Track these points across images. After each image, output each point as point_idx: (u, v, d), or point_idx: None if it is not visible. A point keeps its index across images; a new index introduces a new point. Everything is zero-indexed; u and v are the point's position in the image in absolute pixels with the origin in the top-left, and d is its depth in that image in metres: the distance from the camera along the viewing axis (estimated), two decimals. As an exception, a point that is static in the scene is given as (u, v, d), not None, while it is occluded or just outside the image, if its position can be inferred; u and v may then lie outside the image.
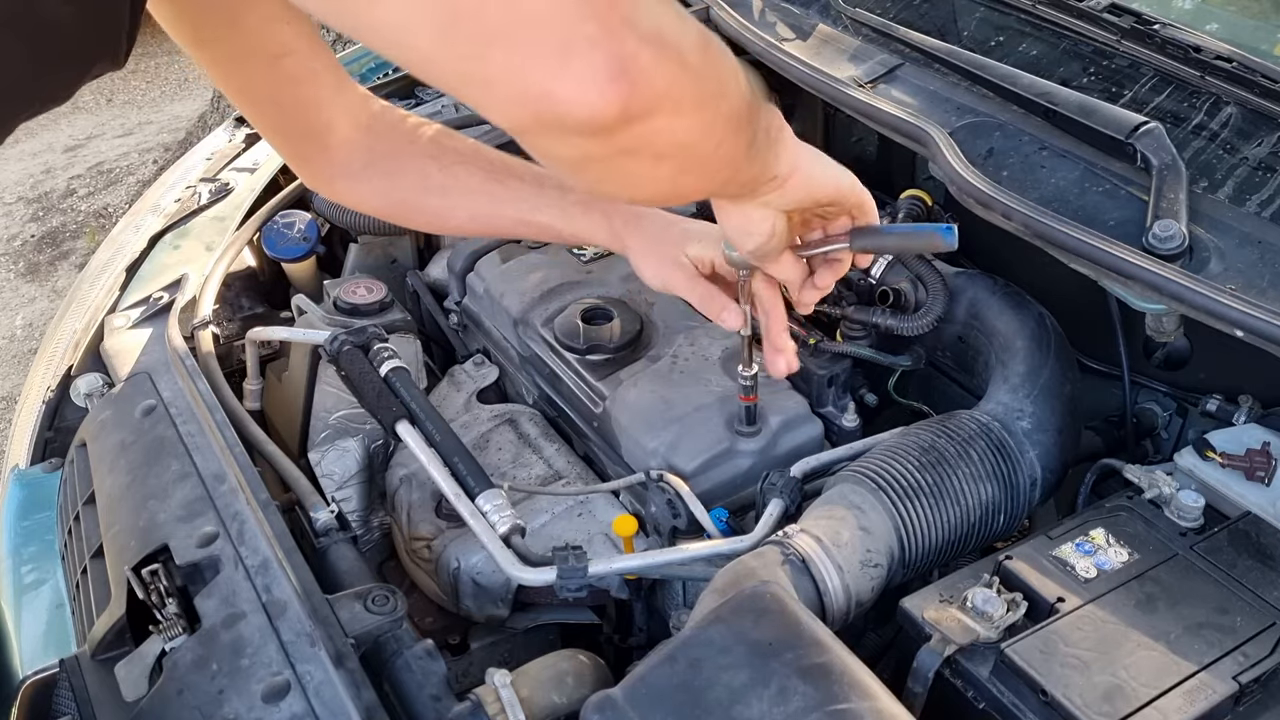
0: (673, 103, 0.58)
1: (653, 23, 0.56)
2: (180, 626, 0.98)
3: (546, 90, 0.53)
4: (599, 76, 0.54)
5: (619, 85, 0.54)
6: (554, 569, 1.07)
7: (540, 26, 0.52)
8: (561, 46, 0.53)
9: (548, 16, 0.52)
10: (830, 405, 1.31)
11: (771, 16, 1.64)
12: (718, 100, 0.64)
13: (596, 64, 0.53)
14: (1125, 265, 1.09)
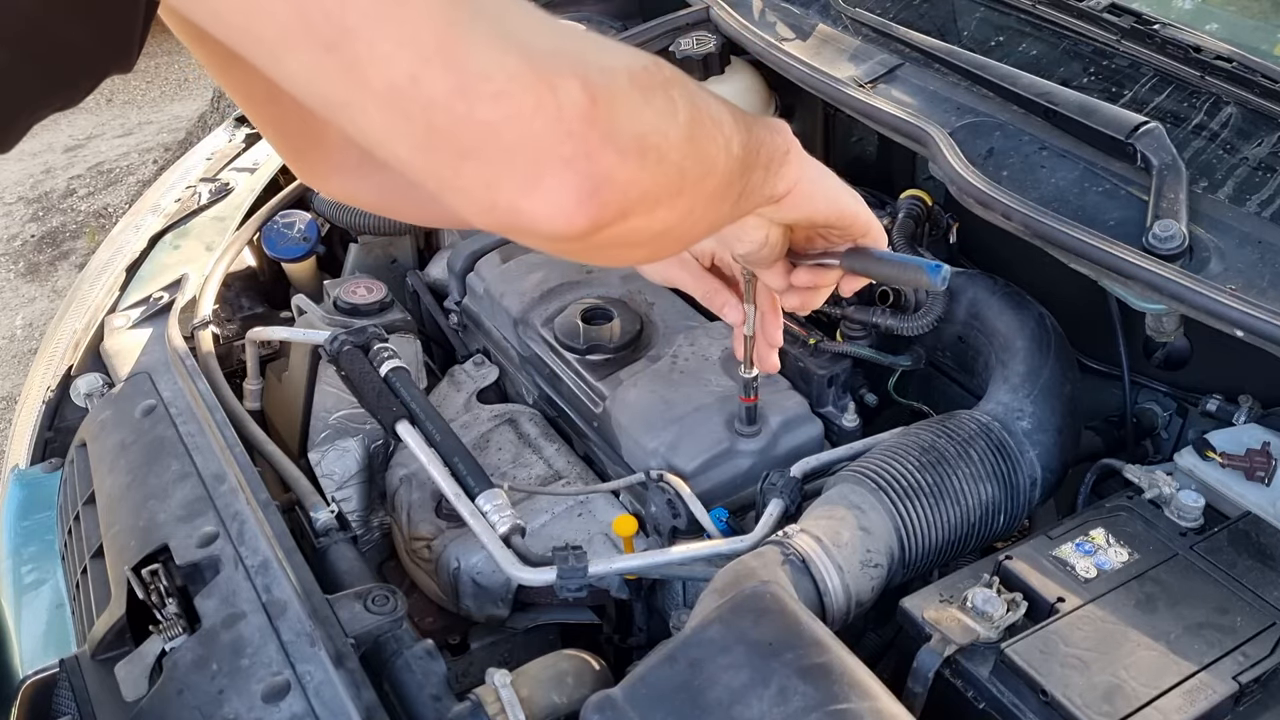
0: (648, 204, 0.58)
1: (635, 129, 0.56)
2: (180, 626, 0.98)
3: (516, 207, 0.53)
4: (570, 198, 0.53)
5: (590, 204, 0.54)
6: (554, 569, 1.06)
7: (514, 147, 0.52)
8: (534, 167, 0.52)
9: (522, 138, 0.51)
10: (830, 405, 1.31)
11: (771, 16, 1.64)
12: (701, 182, 0.64)
13: (569, 185, 0.53)
14: (1125, 265, 1.09)
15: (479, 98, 0.50)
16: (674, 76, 0.61)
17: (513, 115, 0.51)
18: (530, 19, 0.53)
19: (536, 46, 0.52)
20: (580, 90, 0.52)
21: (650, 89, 0.58)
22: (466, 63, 0.50)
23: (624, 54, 0.58)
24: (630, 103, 0.55)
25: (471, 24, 0.50)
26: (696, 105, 0.62)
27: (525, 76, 0.51)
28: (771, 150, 0.76)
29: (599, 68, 0.54)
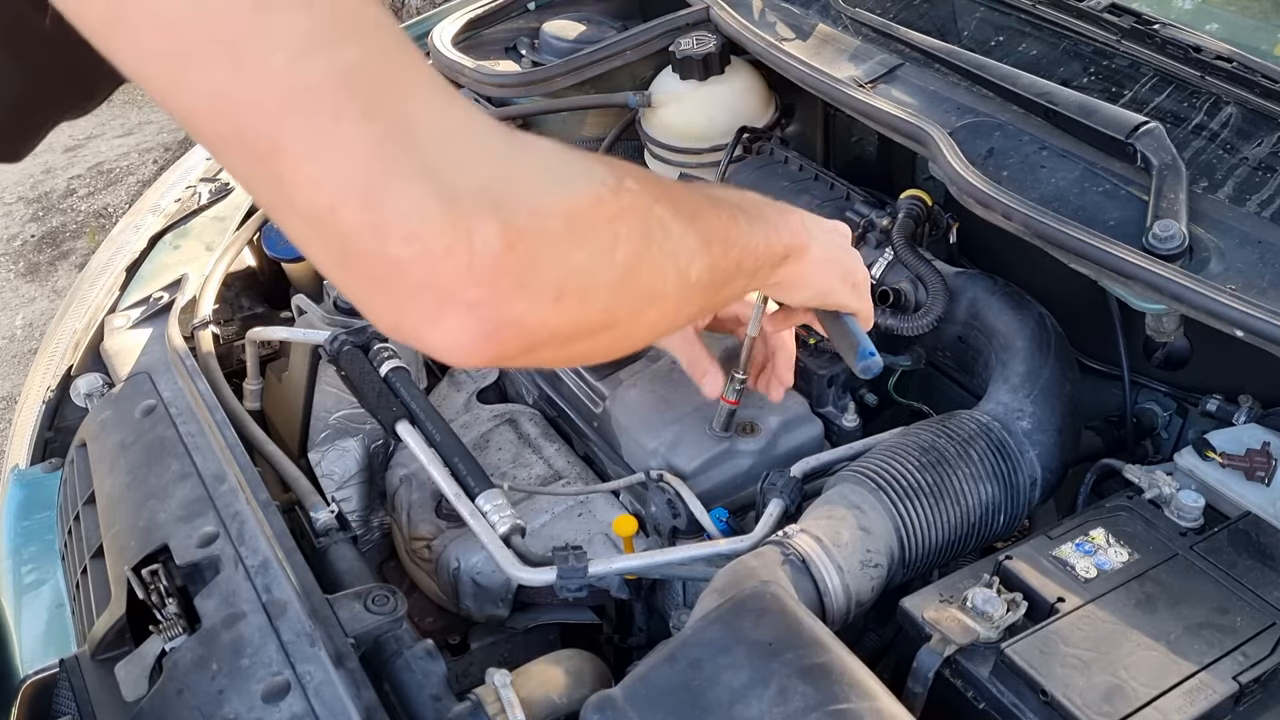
0: (561, 341, 0.58)
1: (555, 274, 0.55)
2: (180, 626, 0.98)
3: (419, 335, 0.54)
4: (469, 337, 0.53)
5: (490, 344, 0.54)
6: (554, 569, 1.06)
7: (420, 286, 0.52)
8: (437, 306, 0.52)
9: (429, 279, 0.52)
10: (830, 405, 1.30)
11: (771, 16, 1.64)
12: (638, 314, 0.63)
13: (469, 326, 0.53)
14: (1125, 265, 1.09)
15: (391, 237, 0.50)
16: (631, 206, 0.60)
17: (421, 257, 0.51)
18: (474, 148, 0.53)
19: (465, 185, 0.51)
20: (498, 236, 0.51)
21: (590, 228, 0.57)
22: (385, 202, 0.50)
23: (573, 186, 0.57)
24: (556, 247, 0.55)
25: (400, 161, 0.50)
26: (648, 238, 0.61)
27: (441, 220, 0.50)
28: (762, 257, 0.76)
29: (532, 209, 0.53)
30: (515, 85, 1.72)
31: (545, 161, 0.57)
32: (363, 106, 0.49)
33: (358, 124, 0.49)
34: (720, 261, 0.70)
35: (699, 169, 1.62)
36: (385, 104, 0.50)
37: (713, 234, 0.69)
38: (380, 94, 0.50)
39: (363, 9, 0.51)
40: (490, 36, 1.89)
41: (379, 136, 0.49)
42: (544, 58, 1.78)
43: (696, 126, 1.64)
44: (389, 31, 0.52)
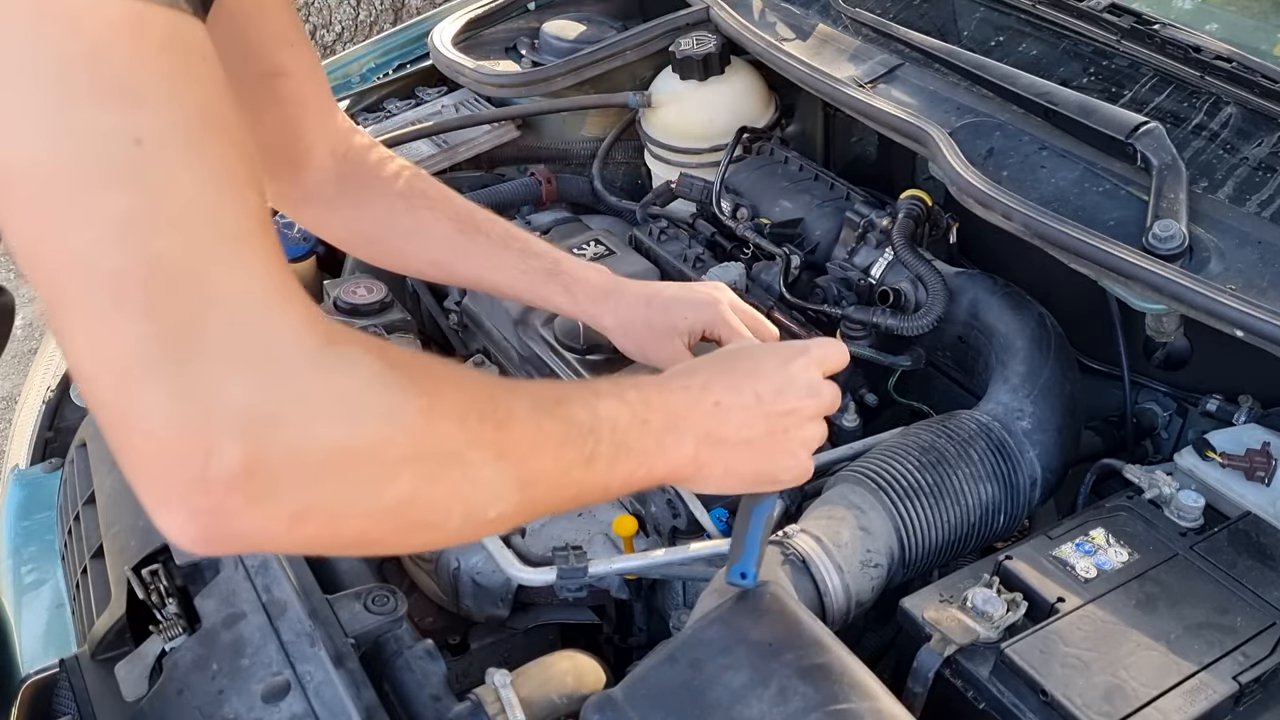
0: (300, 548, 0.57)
1: (299, 500, 0.53)
2: (180, 626, 0.98)
3: (148, 511, 0.53)
4: (187, 538, 0.53)
5: (209, 547, 0.54)
6: (554, 569, 1.06)
7: (151, 478, 0.52)
8: (163, 501, 0.52)
9: (160, 475, 0.51)
10: (830, 405, 1.30)
11: (771, 16, 1.64)
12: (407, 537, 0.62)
13: (188, 529, 0.52)
14: (1125, 265, 1.09)
15: (133, 429, 0.50)
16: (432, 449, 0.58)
17: (156, 456, 0.50)
18: (258, 366, 0.51)
19: (224, 403, 0.50)
20: (238, 460, 0.50)
21: (360, 466, 0.55)
22: (135, 396, 0.50)
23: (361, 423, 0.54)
24: (307, 479, 0.53)
25: (163, 364, 0.49)
26: (438, 479, 0.59)
27: (184, 431, 0.50)
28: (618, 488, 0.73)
29: (290, 440, 0.52)
30: (515, 85, 1.72)
31: (344, 390, 0.54)
32: (147, 303, 0.49)
33: (134, 318, 0.49)
34: (541, 501, 0.68)
35: (699, 169, 1.62)
36: (174, 305, 0.50)
37: (541, 479, 0.66)
38: (175, 294, 0.50)
39: (202, 196, 0.51)
40: (490, 36, 1.89)
41: (150, 336, 0.49)
42: (544, 58, 1.78)
43: (696, 126, 1.64)
44: (227, 224, 0.52)
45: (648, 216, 1.60)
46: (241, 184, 0.53)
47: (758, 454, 0.84)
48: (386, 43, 2.01)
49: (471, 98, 1.80)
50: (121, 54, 0.50)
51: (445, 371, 0.63)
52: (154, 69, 0.51)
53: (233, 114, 0.55)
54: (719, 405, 0.81)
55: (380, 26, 3.82)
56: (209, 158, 0.52)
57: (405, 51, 1.98)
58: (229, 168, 0.53)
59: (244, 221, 0.53)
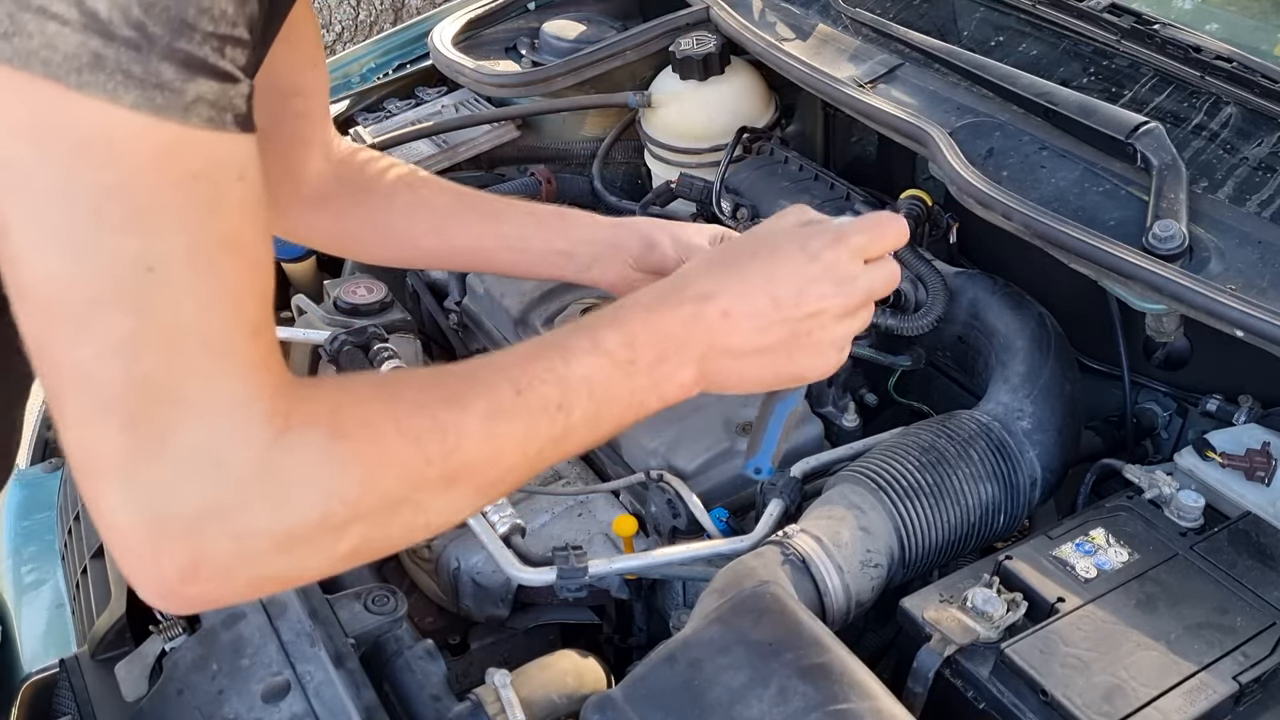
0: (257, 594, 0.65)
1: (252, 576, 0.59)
2: (180, 626, 0.98)
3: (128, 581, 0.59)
4: (155, 602, 0.59)
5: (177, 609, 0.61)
6: (554, 569, 1.07)
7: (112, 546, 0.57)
8: (132, 577, 0.58)
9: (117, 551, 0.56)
10: (830, 405, 1.30)
11: (771, 16, 1.64)
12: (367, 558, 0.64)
13: (152, 598, 0.59)
14: (1125, 265, 1.09)
15: (102, 520, 0.56)
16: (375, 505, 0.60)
17: (120, 547, 0.56)
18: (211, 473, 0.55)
19: (178, 510, 0.55)
20: (186, 558, 0.56)
21: (306, 541, 0.59)
22: (103, 496, 0.55)
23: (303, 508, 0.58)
24: (257, 561, 0.58)
25: (129, 472, 0.54)
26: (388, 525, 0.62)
27: (141, 535, 0.55)
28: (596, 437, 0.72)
29: (238, 533, 0.56)
30: (515, 85, 1.72)
31: (285, 481, 0.58)
32: (128, 417, 0.53)
33: (115, 428, 0.53)
34: (514, 485, 0.70)
35: (699, 169, 1.62)
36: (149, 420, 0.54)
37: (506, 476, 0.68)
38: (151, 410, 0.54)
39: (199, 318, 0.55)
40: (490, 36, 1.89)
41: (123, 445, 0.54)
42: (544, 58, 1.78)
43: (696, 126, 1.64)
44: (215, 342, 0.56)
45: (648, 216, 1.60)
46: (241, 299, 0.57)
47: (776, 359, 0.77)
48: (386, 43, 2.01)
49: (471, 98, 1.80)
50: (152, 183, 0.53)
51: (390, 420, 0.62)
52: (181, 197, 0.54)
53: (256, 226, 0.58)
54: (727, 315, 0.75)
55: (380, 26, 3.83)
56: (215, 281, 0.56)
57: (405, 51, 1.97)
58: (233, 287, 0.56)
59: (233, 336, 0.57)
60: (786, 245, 0.78)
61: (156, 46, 0.51)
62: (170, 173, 0.53)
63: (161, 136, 0.52)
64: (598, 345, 0.70)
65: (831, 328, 0.78)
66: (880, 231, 0.80)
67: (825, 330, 0.78)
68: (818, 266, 0.77)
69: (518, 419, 0.66)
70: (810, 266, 0.77)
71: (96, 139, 0.51)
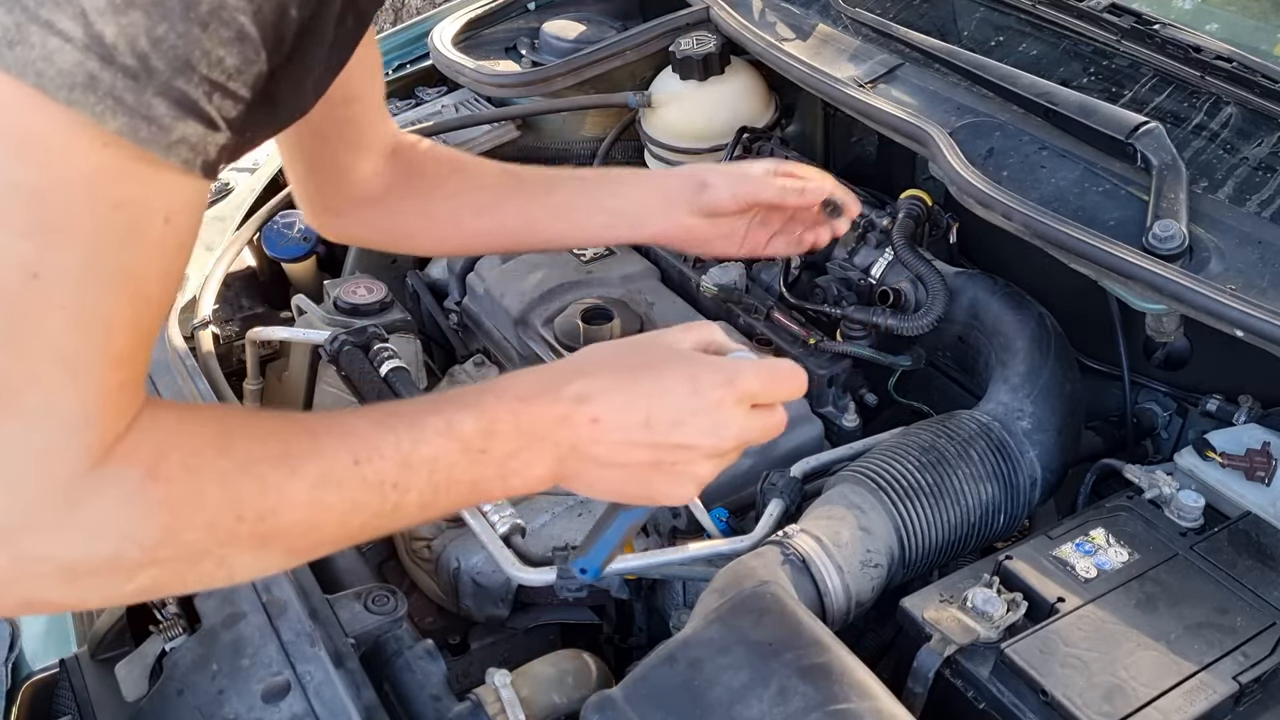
0: None
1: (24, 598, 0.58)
2: (180, 626, 0.98)
3: None
4: None
5: None
6: (554, 569, 1.06)
7: None
8: None
9: None
10: (830, 405, 1.31)
11: (771, 16, 1.64)
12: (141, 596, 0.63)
13: None
14: (1125, 265, 1.09)
15: None
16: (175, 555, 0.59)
17: None
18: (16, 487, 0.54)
19: None
20: None
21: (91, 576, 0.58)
22: None
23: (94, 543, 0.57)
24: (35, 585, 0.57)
25: None
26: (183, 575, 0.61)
27: None
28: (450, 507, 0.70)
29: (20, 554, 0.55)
30: (515, 85, 1.72)
31: (86, 516, 0.56)
32: None
33: None
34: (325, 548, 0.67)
35: (699, 169, 1.62)
36: None
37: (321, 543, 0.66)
38: None
39: (62, 334, 0.54)
40: (490, 36, 1.89)
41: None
42: (544, 58, 1.78)
43: (696, 126, 1.64)
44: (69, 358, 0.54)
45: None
46: (119, 330, 0.56)
47: (633, 478, 0.75)
48: (386, 43, 2.01)
49: (471, 98, 1.80)
50: (71, 200, 0.52)
51: (219, 471, 0.61)
52: (94, 220, 0.53)
53: (166, 267, 0.58)
54: (597, 422, 0.72)
55: (380, 26, 3.82)
56: (95, 304, 0.55)
57: (405, 51, 1.97)
58: (111, 316, 0.55)
59: (92, 360, 0.55)
60: (677, 371, 0.75)
61: (155, 81, 0.52)
62: (96, 195, 0.53)
63: (99, 159, 0.52)
64: (451, 429, 0.68)
65: (697, 464, 0.75)
66: (776, 384, 0.76)
67: (690, 465, 0.75)
68: (701, 403, 0.73)
69: (346, 490, 0.64)
70: (694, 400, 0.73)
71: (39, 143, 0.51)
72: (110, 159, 0.52)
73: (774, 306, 1.37)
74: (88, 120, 0.51)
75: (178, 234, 0.58)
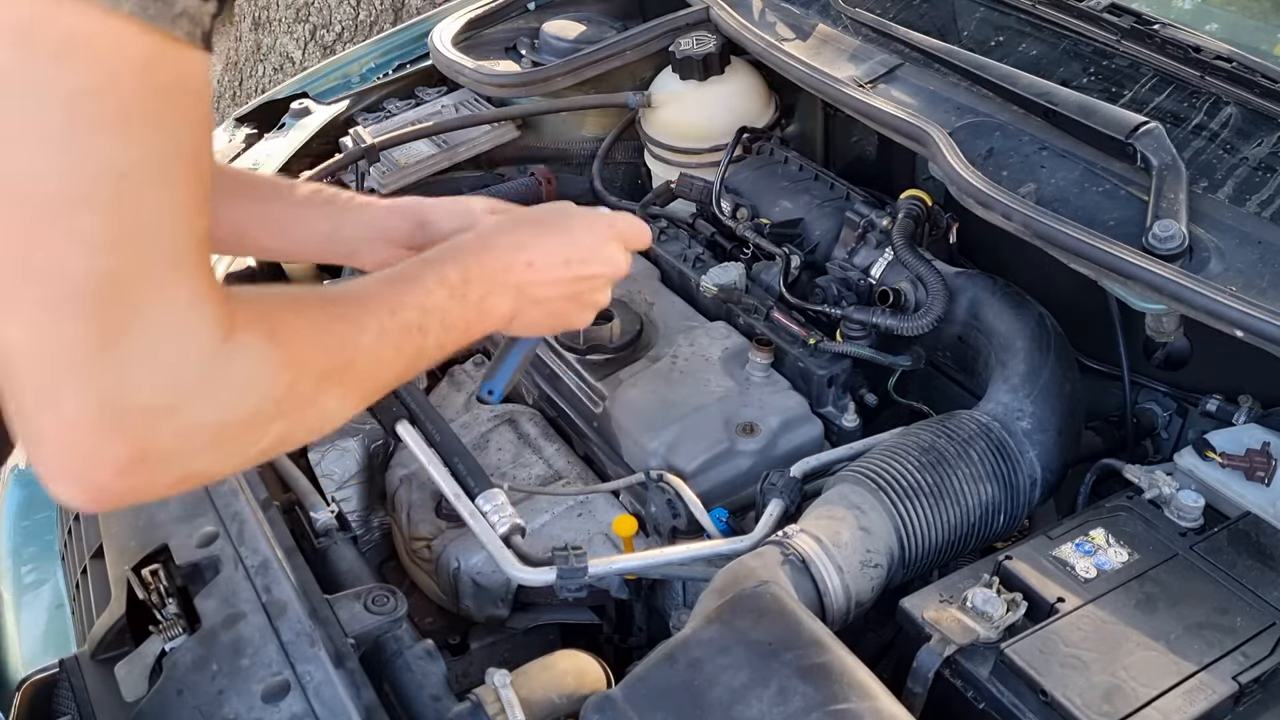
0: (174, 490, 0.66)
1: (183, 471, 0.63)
2: (180, 626, 0.98)
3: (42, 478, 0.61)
4: (76, 503, 0.62)
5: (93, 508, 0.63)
6: (554, 569, 1.06)
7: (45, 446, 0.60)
8: (60, 473, 0.60)
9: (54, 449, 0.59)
10: (830, 405, 1.30)
11: (771, 16, 1.64)
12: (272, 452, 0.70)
13: (77, 496, 0.61)
14: (1125, 265, 1.09)
15: (48, 412, 0.58)
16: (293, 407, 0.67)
17: (62, 438, 0.59)
18: (166, 371, 0.59)
19: (130, 404, 0.58)
20: (130, 452, 0.59)
21: (236, 436, 0.65)
22: (57, 386, 0.57)
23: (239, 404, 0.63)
24: (192, 455, 0.63)
25: (87, 364, 0.57)
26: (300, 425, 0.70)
27: (92, 424, 0.58)
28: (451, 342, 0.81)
29: (188, 423, 0.61)
30: (515, 85, 1.72)
31: (228, 381, 0.63)
32: (89, 311, 0.56)
33: (75, 320, 0.56)
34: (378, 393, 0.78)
35: (699, 169, 1.62)
36: (109, 316, 0.57)
37: (379, 386, 0.78)
38: (112, 306, 0.56)
39: (158, 225, 0.58)
40: (490, 36, 1.89)
41: (83, 338, 0.56)
42: (544, 58, 1.78)
43: (697, 126, 1.64)
44: (169, 249, 0.59)
45: (648, 216, 1.60)
46: (194, 212, 0.60)
47: (556, 312, 0.94)
48: (386, 43, 2.01)
49: (471, 98, 1.80)
50: (129, 91, 0.55)
51: (313, 331, 0.71)
52: (155, 106, 0.56)
53: (207, 146, 0.62)
54: (531, 266, 0.89)
55: (380, 26, 3.82)
56: (175, 192, 0.59)
57: (405, 51, 1.97)
58: (188, 199, 0.59)
59: (184, 244, 0.60)
60: (577, 222, 0.95)
61: None
62: (148, 82, 0.55)
63: (145, 45, 0.55)
64: (444, 280, 0.82)
65: (600, 291, 0.96)
66: (634, 230, 0.99)
67: (594, 293, 0.96)
68: (597, 240, 0.95)
69: (391, 338, 0.77)
70: (592, 239, 0.94)
71: (81, 42, 0.53)
72: (141, 45, 0.54)
73: (774, 306, 1.37)
74: (106, 8, 0.53)
75: (207, 110, 0.62)
